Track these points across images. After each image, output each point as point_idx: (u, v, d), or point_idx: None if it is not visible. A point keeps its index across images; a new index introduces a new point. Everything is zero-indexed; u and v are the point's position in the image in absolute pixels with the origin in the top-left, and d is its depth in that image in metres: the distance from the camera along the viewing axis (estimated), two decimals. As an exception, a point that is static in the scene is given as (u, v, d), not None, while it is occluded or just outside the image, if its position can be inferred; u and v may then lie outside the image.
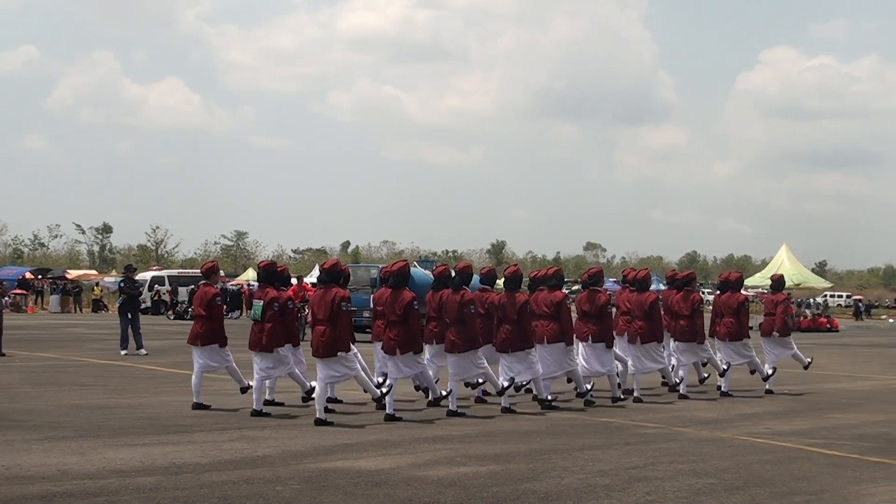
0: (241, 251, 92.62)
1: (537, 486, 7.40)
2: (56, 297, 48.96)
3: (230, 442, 9.20)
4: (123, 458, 8.22)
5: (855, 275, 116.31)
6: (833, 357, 23.67)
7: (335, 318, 10.73)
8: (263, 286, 11.36)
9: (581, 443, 9.62)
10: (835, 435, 10.53)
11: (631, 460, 8.64)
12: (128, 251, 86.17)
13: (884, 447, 9.67)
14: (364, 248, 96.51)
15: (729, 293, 14.40)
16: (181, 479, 7.44)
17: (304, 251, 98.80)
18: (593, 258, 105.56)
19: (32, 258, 79.57)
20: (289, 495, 6.95)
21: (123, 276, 22.34)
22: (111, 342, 22.09)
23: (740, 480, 7.86)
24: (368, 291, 27.70)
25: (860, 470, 8.44)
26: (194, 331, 11.84)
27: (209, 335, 11.74)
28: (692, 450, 9.27)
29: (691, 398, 13.62)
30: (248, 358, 11.65)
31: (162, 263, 73.05)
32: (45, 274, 55.44)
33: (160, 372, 16.51)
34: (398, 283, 11.37)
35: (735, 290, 14.48)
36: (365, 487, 7.26)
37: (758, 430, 10.70)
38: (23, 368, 16.80)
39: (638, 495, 7.19)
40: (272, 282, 11.41)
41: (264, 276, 11.48)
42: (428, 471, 7.96)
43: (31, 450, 8.58)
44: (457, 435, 9.91)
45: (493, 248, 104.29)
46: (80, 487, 7.04)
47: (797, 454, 9.18)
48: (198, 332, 11.78)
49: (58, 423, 10.19)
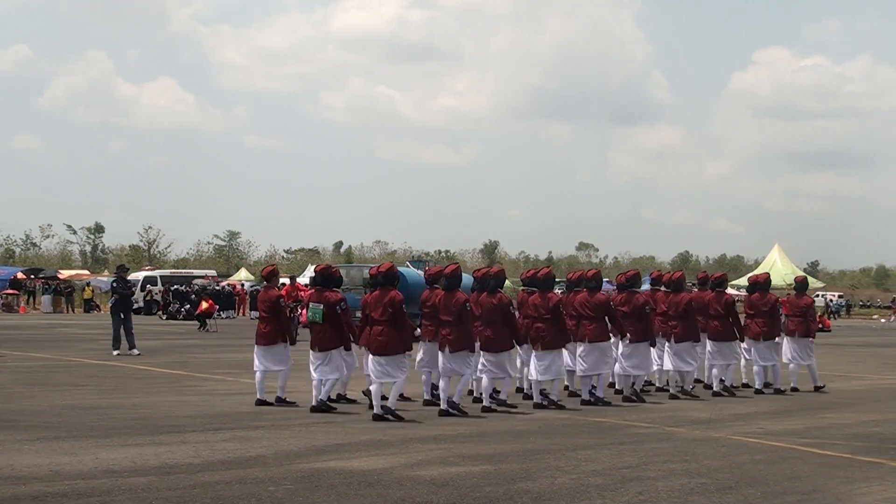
0: (234, 251, 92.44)
1: (530, 486, 7.40)
2: (48, 297, 48.86)
3: (223, 442, 9.18)
4: (116, 458, 8.20)
5: (847, 275, 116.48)
6: (826, 357, 23.69)
7: (393, 319, 11.08)
8: (321, 289, 11.66)
9: (574, 443, 9.63)
10: (827, 435, 10.55)
11: (624, 460, 8.64)
12: (120, 251, 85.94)
13: (876, 447, 9.69)
14: (357, 249, 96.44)
15: (758, 294, 14.82)
16: (173, 479, 7.42)
17: (296, 251, 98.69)
18: (586, 258, 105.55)
19: (24, 258, 79.34)
20: (281, 495, 6.94)
21: (116, 276, 22.30)
22: (103, 342, 22.03)
23: (733, 480, 7.86)
24: (361, 292, 27.74)
25: (853, 470, 8.45)
26: (259, 331, 12.20)
27: (274, 335, 12.05)
28: (685, 449, 9.28)
29: (725, 396, 13.96)
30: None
31: (154, 263, 72.85)
32: (36, 274, 55.26)
33: (153, 372, 16.48)
34: (451, 285, 11.68)
35: (764, 290, 14.90)
36: (358, 487, 7.26)
37: (751, 430, 10.72)
38: (15, 369, 16.76)
39: (631, 495, 7.19)
40: (329, 285, 11.77)
41: (321, 279, 11.81)
42: (421, 471, 7.95)
43: (24, 450, 8.55)
44: (450, 435, 9.90)
45: (486, 248, 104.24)
46: (73, 488, 7.02)
47: (790, 454, 9.19)
48: (262, 331, 12.12)
49: (50, 424, 10.17)
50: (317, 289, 11.75)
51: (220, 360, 19.63)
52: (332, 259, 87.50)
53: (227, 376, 15.97)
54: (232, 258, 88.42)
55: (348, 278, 29.72)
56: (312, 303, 11.59)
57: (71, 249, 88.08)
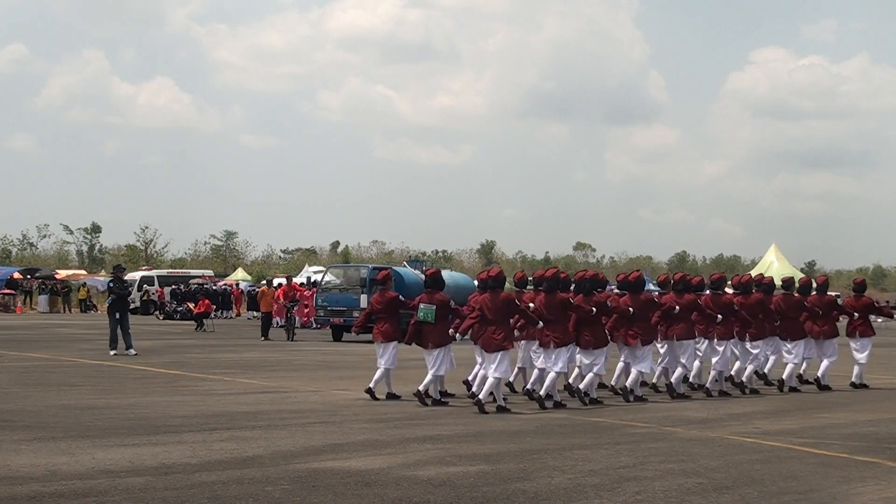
0: (231, 251, 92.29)
1: (527, 486, 7.41)
2: (45, 298, 48.81)
3: (220, 442, 9.19)
4: (113, 458, 8.20)
5: (843, 275, 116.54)
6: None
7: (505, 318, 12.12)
8: (432, 292, 12.63)
9: (571, 442, 9.64)
10: (824, 434, 10.57)
11: (621, 460, 8.65)
12: (117, 251, 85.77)
13: (872, 446, 9.70)
14: (354, 248, 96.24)
15: (816, 295, 15.66)
16: (171, 479, 7.43)
17: (293, 251, 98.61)
18: (583, 258, 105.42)
19: (21, 258, 79.12)
20: (279, 495, 6.94)
21: (113, 276, 22.29)
22: (100, 342, 22.03)
23: (730, 480, 7.87)
24: (358, 291, 27.71)
25: (849, 469, 8.46)
26: (377, 329, 13.11)
27: (391, 333, 12.96)
28: (682, 449, 9.29)
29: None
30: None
31: (151, 263, 72.78)
32: (33, 274, 55.22)
33: (150, 372, 16.48)
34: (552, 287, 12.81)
35: (823, 292, 15.79)
36: (355, 487, 7.26)
37: (747, 430, 10.73)
38: (12, 369, 16.75)
39: (627, 495, 7.20)
40: (439, 288, 12.75)
41: (431, 283, 12.78)
42: (418, 471, 7.96)
43: (21, 450, 8.55)
44: (447, 435, 9.92)
45: (483, 248, 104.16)
46: (70, 488, 7.02)
47: (786, 454, 9.20)
48: (381, 330, 13.03)
49: (47, 424, 10.16)
50: (428, 291, 12.67)
51: (217, 360, 19.61)
52: (328, 259, 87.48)
53: (224, 376, 15.97)
54: (229, 258, 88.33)
55: (345, 278, 29.69)
56: (424, 304, 12.50)
57: (67, 249, 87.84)
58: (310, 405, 12.35)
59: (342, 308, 27.56)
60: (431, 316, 12.35)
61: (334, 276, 30.45)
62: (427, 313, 12.38)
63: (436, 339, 12.40)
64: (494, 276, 12.20)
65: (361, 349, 23.53)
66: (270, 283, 31.68)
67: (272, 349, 23.21)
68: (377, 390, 12.79)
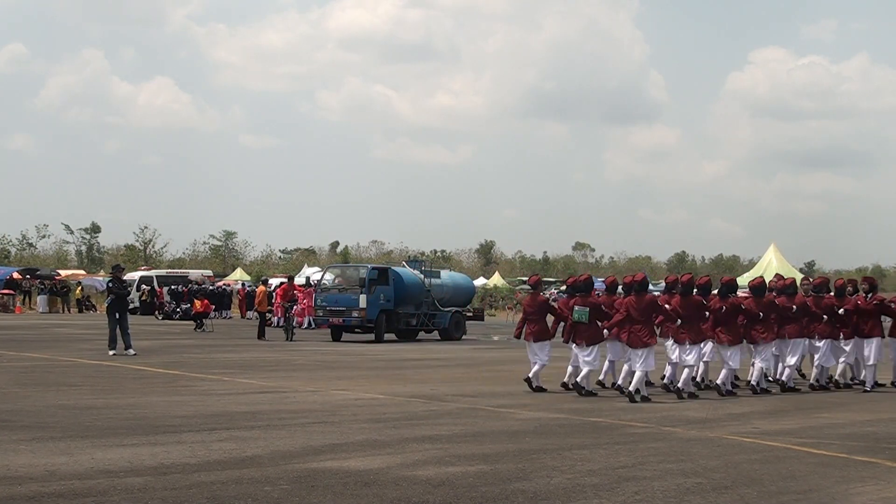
0: (230, 251, 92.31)
1: (526, 486, 7.42)
2: (43, 298, 48.76)
3: (219, 442, 9.19)
4: (112, 458, 8.20)
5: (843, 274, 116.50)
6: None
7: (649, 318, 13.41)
8: (584, 295, 14.05)
9: (570, 442, 9.64)
10: (823, 434, 10.58)
11: (619, 460, 8.66)
12: (116, 251, 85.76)
13: (871, 447, 9.71)
14: (353, 248, 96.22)
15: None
16: (170, 479, 7.43)
17: (293, 251, 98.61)
18: (582, 258, 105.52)
19: (20, 258, 79.12)
20: (278, 495, 6.94)
21: (112, 276, 22.28)
22: (99, 342, 22.03)
23: (729, 480, 7.88)
24: (357, 291, 27.68)
25: (848, 469, 8.47)
26: (528, 329, 14.37)
27: (541, 333, 14.30)
28: (681, 449, 9.29)
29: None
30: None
31: (150, 263, 72.78)
32: (32, 274, 55.19)
33: (149, 372, 16.48)
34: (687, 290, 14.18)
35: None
36: (354, 487, 7.26)
37: (746, 430, 10.74)
38: (10, 369, 16.75)
39: (626, 495, 7.20)
40: (589, 291, 14.17)
41: (584, 287, 14.20)
42: (417, 471, 7.96)
43: (19, 450, 8.55)
44: (445, 435, 9.92)
45: (482, 248, 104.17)
46: (69, 488, 7.03)
47: (785, 454, 9.21)
48: (532, 330, 14.32)
49: (46, 424, 10.16)
50: (580, 295, 14.06)
51: (216, 360, 19.60)
52: (328, 259, 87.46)
53: (223, 376, 15.97)
54: (228, 258, 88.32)
55: (344, 278, 29.67)
56: (578, 306, 13.90)
57: (67, 249, 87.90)
58: (309, 405, 12.35)
59: (341, 308, 27.53)
60: (585, 317, 13.77)
61: (333, 275, 30.42)
62: (581, 314, 13.80)
63: (589, 338, 13.79)
64: (640, 281, 13.53)
65: (361, 349, 23.55)
66: (266, 283, 31.68)
67: (271, 349, 23.19)
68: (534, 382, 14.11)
